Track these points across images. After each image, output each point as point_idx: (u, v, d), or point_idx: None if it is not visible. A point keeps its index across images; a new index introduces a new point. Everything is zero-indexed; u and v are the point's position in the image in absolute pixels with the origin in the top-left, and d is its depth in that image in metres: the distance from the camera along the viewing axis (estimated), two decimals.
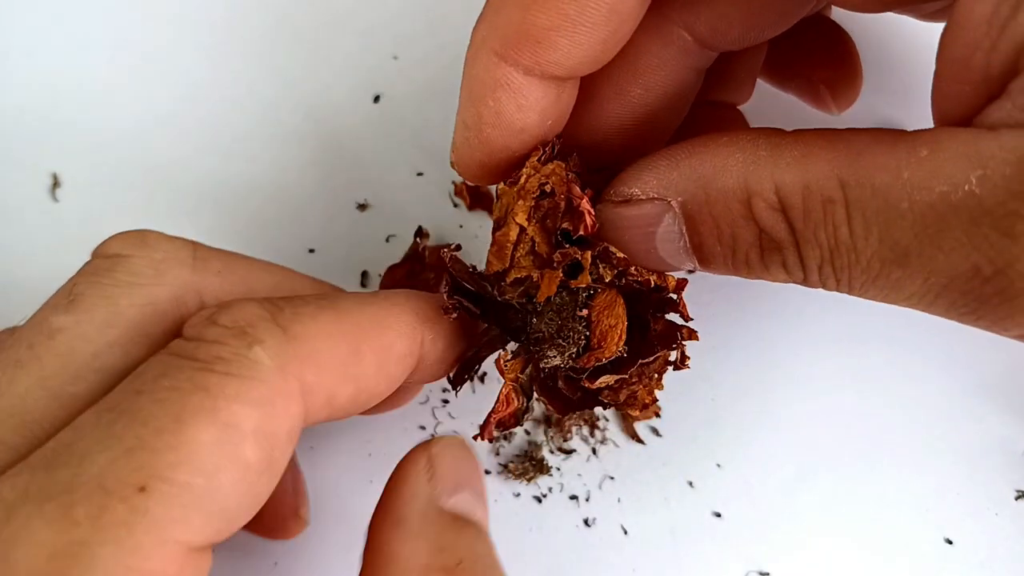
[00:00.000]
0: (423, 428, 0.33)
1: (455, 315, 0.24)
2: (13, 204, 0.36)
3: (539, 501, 0.33)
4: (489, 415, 0.25)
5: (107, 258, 0.22)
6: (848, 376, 0.35)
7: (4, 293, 0.33)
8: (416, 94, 0.38)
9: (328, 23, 0.39)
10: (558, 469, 0.33)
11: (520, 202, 0.23)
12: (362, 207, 0.36)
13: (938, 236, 0.18)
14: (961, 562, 0.33)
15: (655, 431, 0.34)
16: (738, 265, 0.22)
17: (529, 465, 0.33)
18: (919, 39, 0.37)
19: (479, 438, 0.25)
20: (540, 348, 0.24)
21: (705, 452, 0.34)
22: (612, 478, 0.33)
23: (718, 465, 0.33)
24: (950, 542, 0.33)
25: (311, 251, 0.36)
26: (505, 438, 0.33)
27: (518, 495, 0.33)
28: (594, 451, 0.33)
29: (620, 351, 0.24)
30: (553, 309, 0.24)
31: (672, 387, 0.34)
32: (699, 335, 0.24)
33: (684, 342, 0.24)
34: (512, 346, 0.26)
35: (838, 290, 0.21)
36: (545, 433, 0.34)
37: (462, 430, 0.33)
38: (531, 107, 0.22)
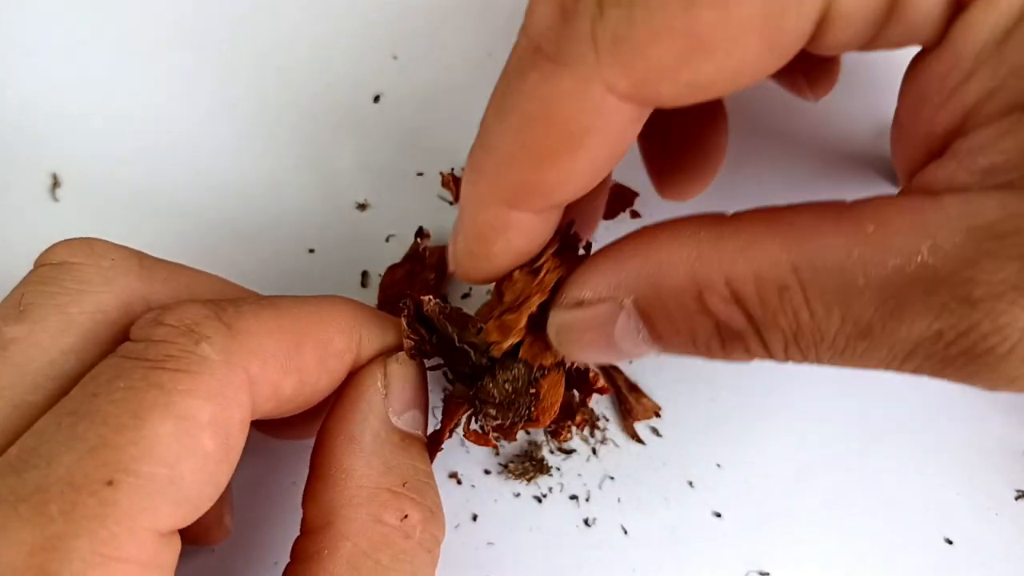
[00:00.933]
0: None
1: (413, 346, 0.26)
2: (13, 204, 0.36)
3: (539, 501, 0.33)
4: (433, 445, 0.27)
5: (54, 266, 0.23)
6: (848, 376, 0.35)
7: (4, 293, 0.33)
8: (416, 94, 0.38)
9: (328, 23, 0.39)
10: (558, 469, 0.33)
11: (537, 296, 0.24)
12: (362, 207, 0.36)
13: (898, 308, 0.18)
14: (961, 562, 0.33)
15: (655, 431, 0.34)
16: (700, 352, 0.22)
17: (529, 465, 0.33)
18: None
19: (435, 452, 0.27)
20: (484, 407, 0.26)
21: (705, 452, 0.34)
22: (612, 478, 0.33)
23: (718, 465, 0.33)
24: (950, 542, 0.33)
25: (311, 251, 0.36)
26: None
27: (518, 495, 0.33)
28: (594, 451, 0.33)
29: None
30: (508, 380, 0.25)
31: (672, 387, 0.35)
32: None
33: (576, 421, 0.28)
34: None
35: (807, 363, 0.21)
36: (545, 433, 0.34)
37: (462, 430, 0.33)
38: (539, 235, 0.24)
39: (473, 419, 0.27)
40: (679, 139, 0.30)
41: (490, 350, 0.25)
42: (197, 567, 0.31)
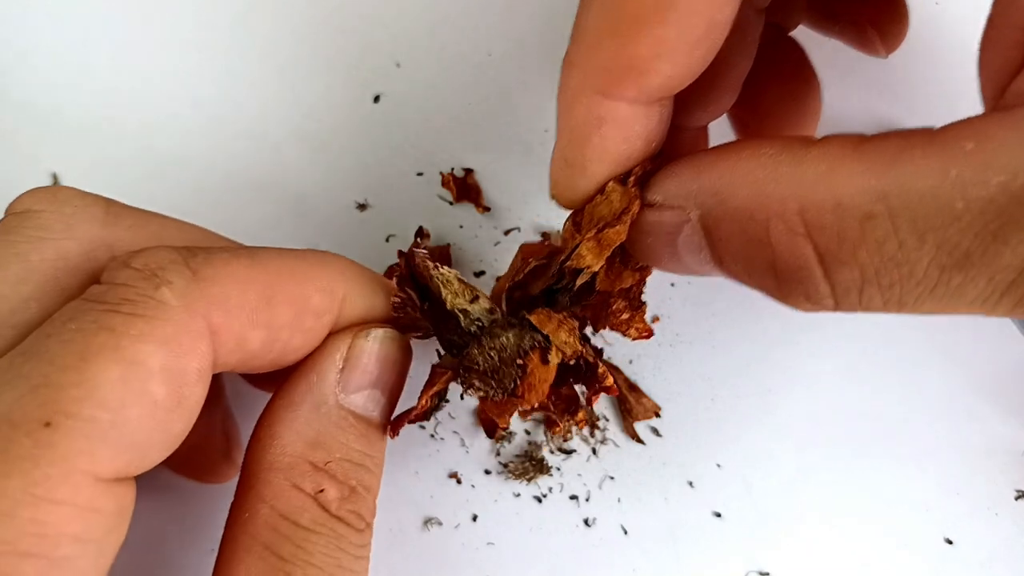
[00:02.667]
0: (422, 427, 0.33)
1: (398, 304, 0.24)
2: None
3: (539, 501, 0.33)
4: (409, 412, 0.25)
5: (17, 215, 0.23)
6: (848, 376, 0.35)
7: None
8: (416, 94, 0.38)
9: (328, 23, 0.39)
10: (558, 469, 0.33)
11: (636, 207, 0.23)
12: (362, 207, 0.36)
13: (1002, 231, 0.17)
14: (961, 562, 0.33)
15: (655, 431, 0.34)
16: (755, 285, 0.20)
17: (529, 465, 0.33)
18: (923, 36, 0.37)
19: (392, 436, 0.26)
20: (468, 375, 0.25)
21: (705, 452, 0.34)
22: (612, 478, 0.33)
23: (718, 465, 0.33)
24: (950, 542, 0.33)
25: None
26: (505, 438, 0.33)
27: (518, 495, 0.33)
28: (594, 451, 0.33)
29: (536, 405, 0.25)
30: (495, 349, 0.24)
31: (672, 387, 0.35)
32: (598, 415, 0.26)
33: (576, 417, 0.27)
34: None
35: (883, 310, 0.19)
36: (545, 433, 0.34)
37: (462, 430, 0.33)
38: (637, 136, 0.22)
39: (462, 388, 0.26)
40: (771, 106, 0.29)
41: (576, 278, 0.24)
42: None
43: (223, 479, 0.30)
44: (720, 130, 0.30)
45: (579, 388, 0.27)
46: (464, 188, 0.36)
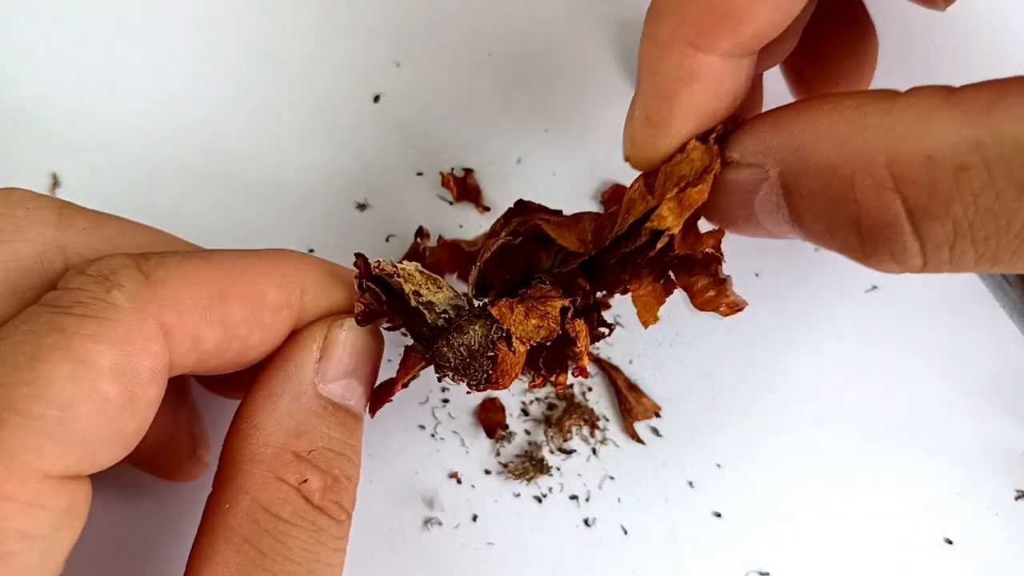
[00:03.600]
0: (423, 427, 0.33)
1: (363, 311, 0.25)
2: None
3: (539, 501, 0.33)
4: (386, 396, 0.26)
5: None
6: (848, 376, 0.35)
7: None
8: (416, 94, 0.38)
9: (329, 23, 0.39)
10: (558, 469, 0.33)
11: (718, 165, 0.22)
12: (362, 207, 0.36)
13: None
14: (961, 562, 0.33)
15: (655, 431, 0.34)
16: (838, 247, 0.20)
17: (529, 465, 0.33)
18: (924, 29, 0.37)
19: (371, 415, 0.26)
20: (442, 370, 0.25)
21: (705, 452, 0.34)
22: (612, 478, 0.33)
23: (718, 465, 0.33)
24: (950, 542, 0.33)
25: (311, 251, 0.36)
26: (505, 438, 0.33)
27: (518, 495, 0.33)
28: (594, 451, 0.33)
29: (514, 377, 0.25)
30: (463, 344, 0.24)
31: (672, 387, 0.35)
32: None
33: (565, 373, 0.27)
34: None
35: (974, 268, 0.18)
36: (545, 433, 0.34)
37: (462, 430, 0.33)
38: (727, 92, 0.21)
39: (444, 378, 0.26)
40: (828, 55, 0.28)
41: (656, 240, 0.23)
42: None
43: (190, 477, 0.30)
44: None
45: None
46: (464, 188, 0.36)
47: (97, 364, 0.19)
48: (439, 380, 0.25)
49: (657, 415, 0.34)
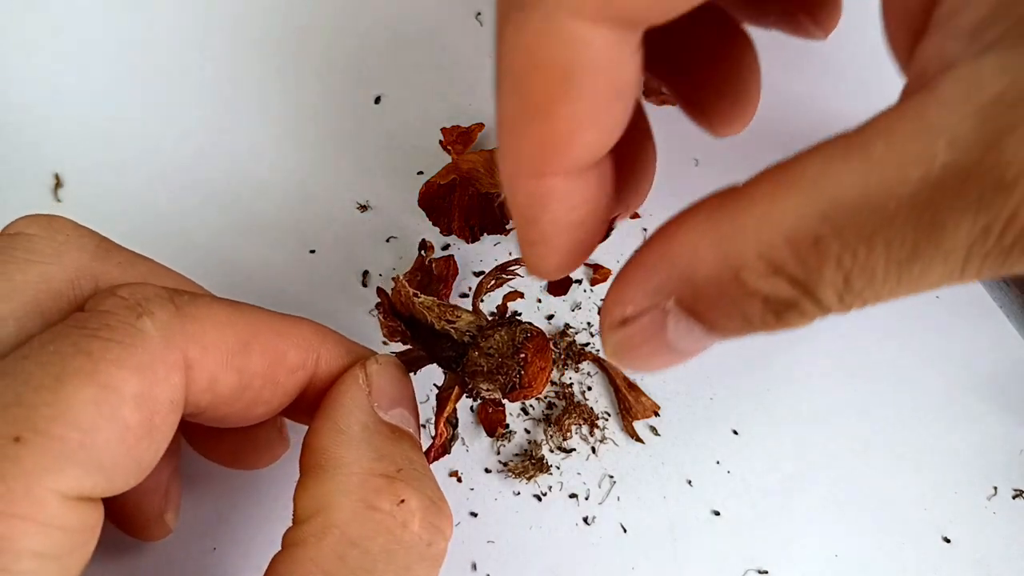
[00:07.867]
0: (424, 427, 0.33)
1: (398, 338, 0.26)
2: (15, 204, 0.36)
3: (539, 499, 0.33)
4: (429, 449, 0.27)
5: (10, 236, 0.23)
6: (847, 375, 0.35)
7: None
8: (416, 94, 0.38)
9: (329, 23, 0.39)
10: (558, 468, 0.33)
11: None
12: (362, 207, 0.37)
13: (938, 218, 0.17)
14: (959, 561, 0.33)
15: (654, 430, 0.34)
16: (759, 330, 0.21)
17: (529, 463, 0.33)
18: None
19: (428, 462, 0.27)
20: (474, 380, 0.26)
21: (704, 451, 0.34)
22: (611, 476, 0.33)
23: (717, 464, 0.34)
24: (948, 541, 0.33)
25: (311, 251, 0.36)
26: (505, 437, 0.34)
27: (518, 493, 0.33)
28: (594, 450, 0.34)
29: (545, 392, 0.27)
30: (493, 347, 0.25)
31: (672, 386, 0.35)
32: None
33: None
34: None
35: (870, 306, 0.20)
36: (545, 432, 0.34)
37: (462, 429, 0.33)
38: (583, 202, 0.22)
39: (471, 399, 0.27)
40: (707, 68, 0.28)
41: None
42: (195, 565, 0.31)
43: (152, 538, 0.30)
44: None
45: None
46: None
47: (121, 391, 0.20)
48: (473, 399, 0.26)
49: (656, 414, 0.34)
